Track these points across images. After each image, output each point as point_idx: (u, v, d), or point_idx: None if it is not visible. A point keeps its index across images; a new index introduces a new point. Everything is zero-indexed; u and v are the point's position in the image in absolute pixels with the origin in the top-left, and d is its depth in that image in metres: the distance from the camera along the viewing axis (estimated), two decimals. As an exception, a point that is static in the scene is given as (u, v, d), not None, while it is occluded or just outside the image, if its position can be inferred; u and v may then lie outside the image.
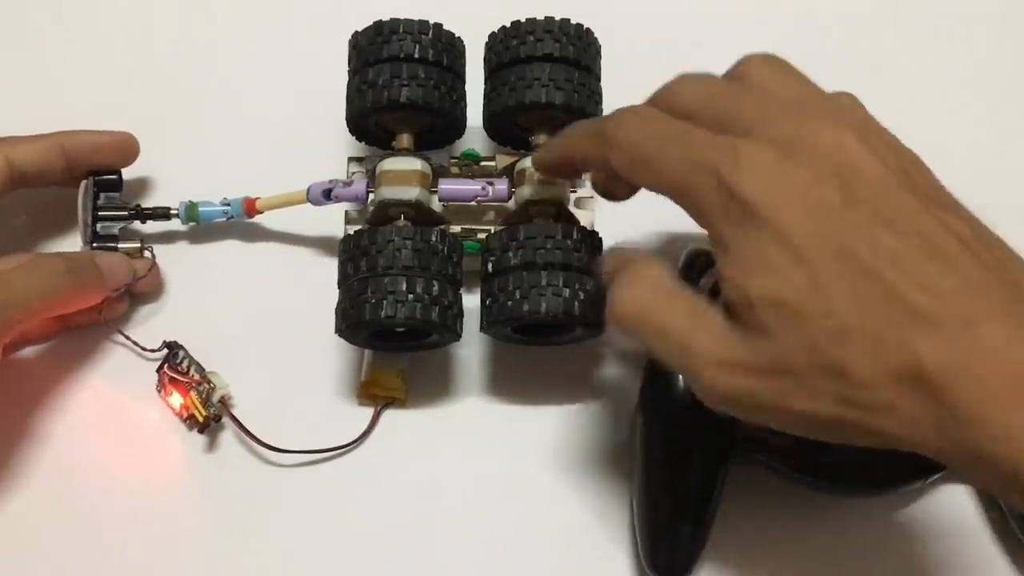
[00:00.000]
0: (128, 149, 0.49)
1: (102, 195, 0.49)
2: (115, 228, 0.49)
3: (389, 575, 0.45)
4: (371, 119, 0.46)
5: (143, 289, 0.49)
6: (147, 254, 0.49)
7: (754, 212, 0.31)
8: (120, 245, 0.48)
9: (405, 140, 0.46)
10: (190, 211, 0.49)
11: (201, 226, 0.50)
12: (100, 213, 0.49)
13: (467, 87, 0.47)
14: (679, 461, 0.42)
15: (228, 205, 0.49)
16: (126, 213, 0.49)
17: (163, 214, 0.49)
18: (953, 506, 0.45)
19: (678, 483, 0.42)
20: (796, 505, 0.45)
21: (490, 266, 0.43)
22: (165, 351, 0.47)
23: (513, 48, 0.45)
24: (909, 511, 0.45)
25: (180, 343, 0.47)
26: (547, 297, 0.41)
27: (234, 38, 0.55)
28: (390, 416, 0.47)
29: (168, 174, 0.51)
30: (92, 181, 0.49)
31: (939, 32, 0.55)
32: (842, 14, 0.55)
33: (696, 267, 0.44)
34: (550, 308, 0.41)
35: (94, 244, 0.48)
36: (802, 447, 0.41)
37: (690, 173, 0.33)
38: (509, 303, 0.42)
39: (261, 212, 0.49)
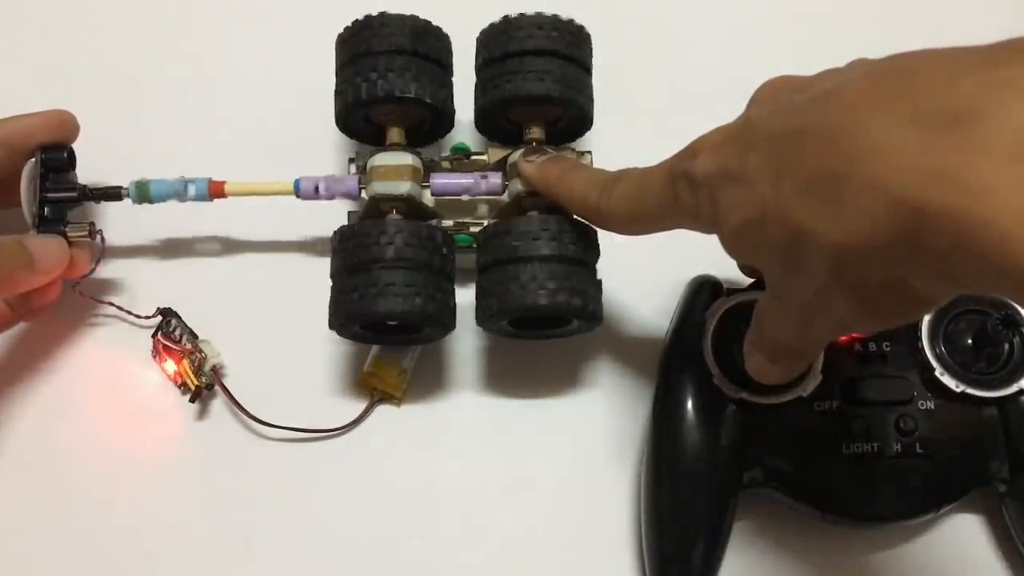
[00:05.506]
0: (65, 125, 0.47)
1: (51, 176, 0.46)
2: (66, 211, 0.46)
3: (368, 567, 0.45)
4: (359, 114, 0.45)
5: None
6: (98, 238, 0.46)
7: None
8: (68, 230, 0.46)
9: (395, 134, 0.46)
10: (141, 189, 0.47)
11: (155, 206, 0.47)
12: (47, 195, 0.46)
13: (455, 84, 0.46)
14: (689, 494, 0.42)
15: (187, 183, 0.46)
16: (74, 194, 0.46)
17: (114, 194, 0.47)
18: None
19: (688, 515, 0.42)
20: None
21: (489, 257, 0.43)
22: (159, 318, 0.47)
23: (517, 39, 0.44)
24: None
25: (174, 310, 0.47)
26: (547, 290, 0.41)
27: (233, 39, 0.55)
28: (385, 406, 0.47)
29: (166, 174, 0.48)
30: (39, 160, 0.46)
31: (939, 33, 0.53)
32: (840, 14, 0.55)
33: (701, 295, 0.45)
34: (553, 299, 0.41)
35: (41, 228, 0.45)
36: (810, 476, 0.42)
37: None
38: (510, 294, 0.42)
39: (226, 197, 0.47)
